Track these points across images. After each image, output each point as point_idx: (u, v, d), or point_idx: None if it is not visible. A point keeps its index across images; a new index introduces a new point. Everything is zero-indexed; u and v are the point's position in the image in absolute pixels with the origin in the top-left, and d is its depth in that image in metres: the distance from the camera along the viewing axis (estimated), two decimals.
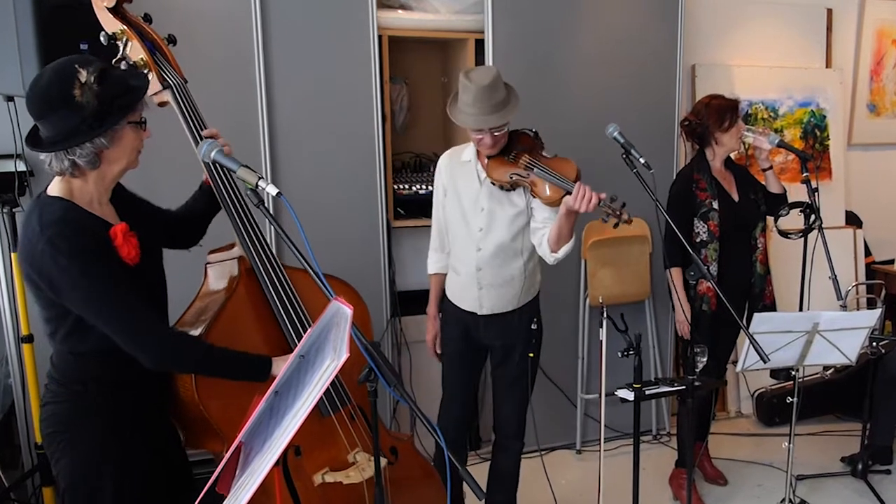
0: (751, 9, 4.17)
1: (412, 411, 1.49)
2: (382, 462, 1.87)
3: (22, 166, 2.67)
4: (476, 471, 2.94)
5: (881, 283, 4.35)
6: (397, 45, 3.42)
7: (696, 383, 2.36)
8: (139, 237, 1.73)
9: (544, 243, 2.35)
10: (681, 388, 2.36)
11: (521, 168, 2.32)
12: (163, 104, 1.98)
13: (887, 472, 3.48)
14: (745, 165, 3.59)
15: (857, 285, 4.32)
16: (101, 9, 1.93)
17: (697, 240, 3.02)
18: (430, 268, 2.72)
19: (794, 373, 2.79)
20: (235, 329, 1.91)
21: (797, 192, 3.20)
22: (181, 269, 2.00)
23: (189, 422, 1.91)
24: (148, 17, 2.01)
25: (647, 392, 2.31)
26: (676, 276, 3.03)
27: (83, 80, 1.58)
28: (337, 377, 1.96)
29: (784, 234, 3.12)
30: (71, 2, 2.28)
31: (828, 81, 4.38)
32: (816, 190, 2.93)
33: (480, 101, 2.24)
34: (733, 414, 4.20)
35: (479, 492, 1.42)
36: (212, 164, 1.76)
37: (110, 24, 1.93)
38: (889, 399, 3.40)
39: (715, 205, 3.01)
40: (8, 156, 2.69)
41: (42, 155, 1.67)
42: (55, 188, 1.68)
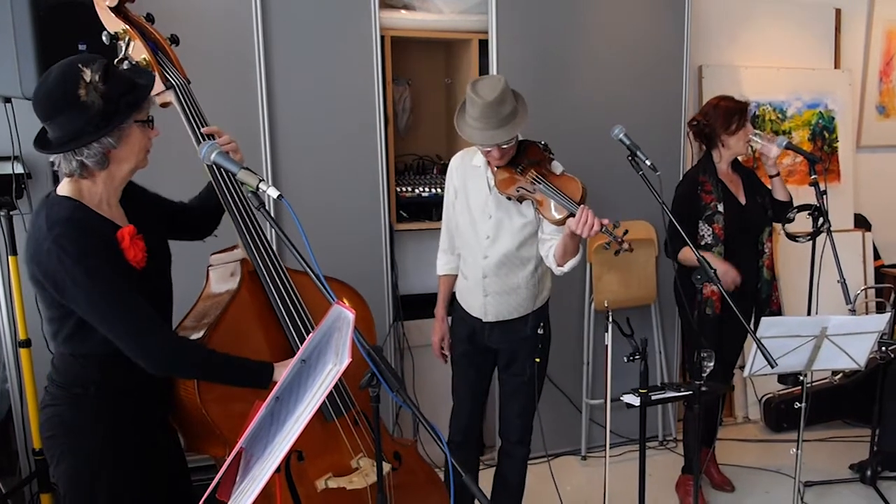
0: (758, 9, 4.14)
1: (415, 416, 1.47)
2: (386, 467, 1.85)
3: (19, 168, 2.63)
4: (481, 477, 2.92)
5: (890, 287, 4.30)
6: (400, 46, 3.40)
7: (703, 388, 2.33)
8: (147, 241, 1.71)
9: (550, 256, 2.35)
10: (687, 393, 2.34)
11: (527, 182, 2.31)
12: (165, 105, 1.95)
13: None
14: (753, 168, 3.56)
15: (866, 289, 4.29)
16: (102, 8, 1.91)
17: (702, 243, 2.99)
18: (440, 269, 2.69)
19: (802, 378, 2.76)
20: (238, 332, 1.89)
21: (805, 194, 3.16)
22: (183, 271, 1.97)
23: (190, 425, 1.89)
24: (150, 17, 1.99)
25: (653, 397, 2.29)
26: (687, 252, 2.80)
27: (88, 80, 1.58)
28: (340, 381, 1.94)
29: (792, 238, 3.09)
30: (69, 1, 2.26)
31: (836, 83, 4.34)
32: (825, 192, 2.90)
33: (487, 116, 2.21)
34: (740, 419, 4.17)
35: (483, 499, 1.40)
36: (213, 166, 1.74)
37: (112, 24, 1.91)
38: None
39: (720, 207, 2.98)
40: (5, 158, 2.66)
41: (51, 156, 1.66)
42: (64, 188, 1.68)
